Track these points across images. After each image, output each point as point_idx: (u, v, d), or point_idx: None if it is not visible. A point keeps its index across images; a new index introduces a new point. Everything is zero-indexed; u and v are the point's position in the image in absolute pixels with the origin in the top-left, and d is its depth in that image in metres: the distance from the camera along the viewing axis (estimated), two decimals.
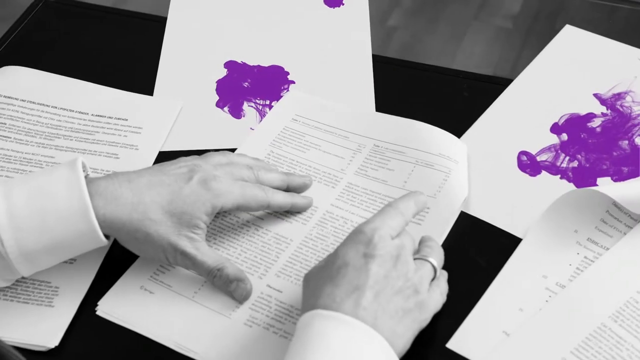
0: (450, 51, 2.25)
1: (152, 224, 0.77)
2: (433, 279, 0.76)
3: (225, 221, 0.86)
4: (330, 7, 1.08)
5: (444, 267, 0.79)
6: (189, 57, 1.03)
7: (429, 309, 0.74)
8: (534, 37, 2.27)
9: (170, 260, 0.79)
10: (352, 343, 0.68)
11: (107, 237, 0.78)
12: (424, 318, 0.74)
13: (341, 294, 0.70)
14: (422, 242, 0.79)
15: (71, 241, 0.76)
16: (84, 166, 0.79)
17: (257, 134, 0.94)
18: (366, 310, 0.69)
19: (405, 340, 0.71)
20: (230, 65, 1.02)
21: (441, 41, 2.28)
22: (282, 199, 0.85)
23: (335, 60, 1.02)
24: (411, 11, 2.36)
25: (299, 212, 0.86)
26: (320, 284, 0.72)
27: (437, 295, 0.76)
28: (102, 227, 0.76)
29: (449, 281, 0.79)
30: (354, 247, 0.73)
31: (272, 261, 0.82)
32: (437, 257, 0.77)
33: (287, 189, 0.87)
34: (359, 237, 0.73)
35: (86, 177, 0.79)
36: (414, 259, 0.75)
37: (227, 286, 0.79)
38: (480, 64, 2.20)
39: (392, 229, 0.75)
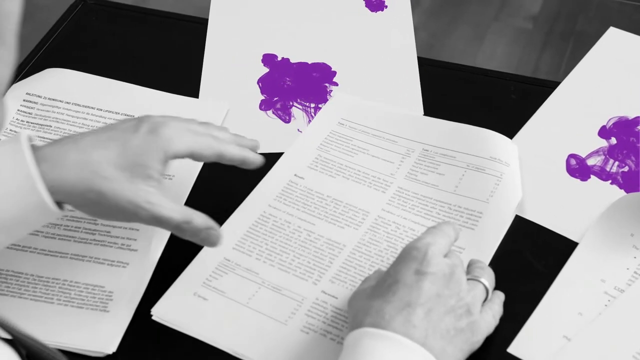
0: (471, 52, 2.24)
1: (104, 181, 0.72)
2: (485, 301, 0.75)
3: (276, 226, 0.85)
4: (372, 11, 1.07)
5: (498, 287, 0.77)
6: (233, 59, 1.03)
7: (481, 331, 0.73)
8: (554, 37, 2.26)
9: (132, 219, 0.74)
10: None
11: (60, 207, 0.73)
12: (475, 340, 0.72)
13: (391, 310, 0.68)
14: (471, 263, 0.77)
15: (23, 216, 0.71)
16: (30, 139, 0.73)
17: (304, 137, 0.94)
18: (416, 328, 0.68)
19: None
20: (269, 61, 1.02)
21: (461, 42, 2.27)
22: (236, 150, 0.80)
23: (380, 64, 1.02)
24: (430, 12, 2.36)
25: (349, 217, 0.86)
26: (369, 301, 0.70)
27: (489, 317, 0.74)
28: (52, 194, 0.71)
29: (507, 285, 0.78)
30: (405, 265, 0.71)
31: (326, 267, 0.82)
32: (488, 278, 0.76)
33: None
34: (412, 253, 0.72)
35: (33, 147, 0.73)
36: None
37: (197, 236, 0.76)
38: (501, 65, 2.19)
39: (444, 247, 0.74)
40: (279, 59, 1.03)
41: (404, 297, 0.69)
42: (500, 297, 0.77)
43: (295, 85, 1.00)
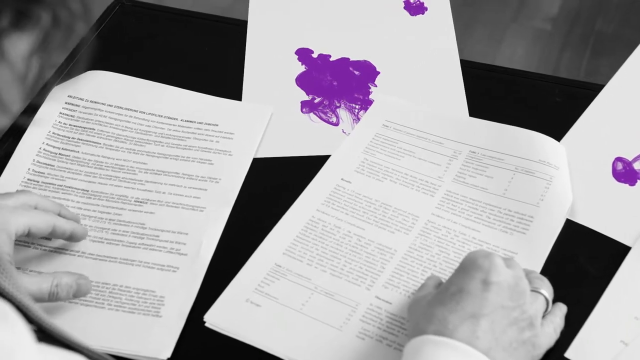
0: (490, 54, 2.23)
1: None
2: (545, 313, 0.74)
3: (326, 230, 0.84)
4: (412, 15, 1.06)
5: (557, 299, 0.77)
6: (274, 60, 1.02)
7: (542, 345, 0.72)
8: (574, 38, 2.25)
9: None
10: None
11: None
12: (537, 354, 0.71)
13: (455, 320, 0.68)
14: (527, 273, 0.76)
15: None
16: None
17: (349, 141, 0.93)
18: (480, 339, 0.67)
19: None
20: (304, 57, 1.01)
21: (480, 44, 2.26)
22: (65, 223, 0.80)
23: (423, 66, 1.01)
24: None
25: (398, 221, 0.85)
26: (431, 309, 0.70)
27: (550, 330, 0.73)
28: None
29: (561, 289, 0.77)
30: (469, 274, 0.70)
31: (378, 272, 0.81)
32: (548, 289, 0.75)
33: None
34: (477, 262, 0.71)
35: None
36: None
37: (70, 291, 0.76)
38: (520, 67, 2.18)
39: (503, 258, 0.73)
40: (315, 55, 1.02)
41: (467, 306, 0.68)
42: (562, 309, 0.76)
43: (338, 84, 0.99)
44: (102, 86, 0.97)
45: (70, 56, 1.02)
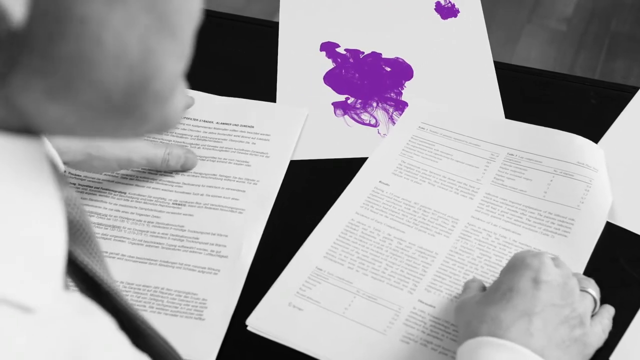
0: (506, 54, 2.23)
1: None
2: (593, 312, 0.74)
3: (366, 234, 0.84)
4: (443, 18, 1.06)
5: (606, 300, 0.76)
6: (307, 61, 1.01)
7: (592, 344, 0.72)
8: (589, 39, 2.25)
9: (124, 166, 0.86)
10: None
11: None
12: (587, 353, 0.71)
13: (507, 318, 0.67)
14: (574, 274, 0.76)
15: None
16: None
17: (385, 144, 0.92)
18: (534, 337, 0.67)
19: None
20: (330, 52, 1.01)
21: (496, 44, 2.25)
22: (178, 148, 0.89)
23: (457, 69, 1.00)
24: None
25: (438, 224, 0.84)
26: (482, 308, 0.69)
27: (599, 330, 0.73)
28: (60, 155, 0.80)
29: (604, 292, 0.76)
30: (519, 272, 0.70)
31: (420, 275, 0.81)
32: (595, 289, 0.75)
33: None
34: (526, 261, 0.71)
35: None
36: None
37: (179, 161, 0.87)
38: (537, 67, 2.18)
39: (551, 257, 0.73)
40: (342, 50, 1.01)
41: (519, 305, 0.68)
42: (610, 311, 0.76)
43: (369, 82, 0.98)
44: None
45: None
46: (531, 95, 0.98)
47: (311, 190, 0.90)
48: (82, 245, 0.50)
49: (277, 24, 1.06)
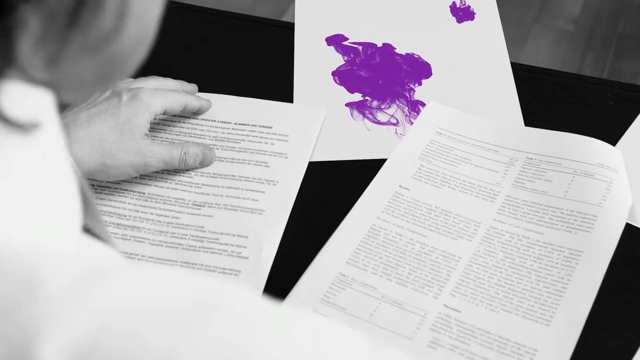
0: (513, 54, 2.21)
1: (111, 144, 0.82)
2: None
3: (388, 238, 0.83)
4: (459, 22, 1.05)
5: (616, 296, 0.76)
6: (324, 61, 1.01)
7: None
8: (596, 39, 2.24)
9: (141, 170, 0.85)
10: None
11: None
12: None
13: None
14: None
15: None
16: None
17: (402, 147, 0.92)
18: None
19: None
20: (342, 47, 1.00)
21: None
22: (195, 100, 0.91)
23: (473, 73, 1.00)
24: None
25: (460, 228, 0.84)
26: None
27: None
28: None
29: (626, 294, 0.76)
30: None
31: (444, 280, 0.80)
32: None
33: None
34: None
35: None
36: None
37: (197, 159, 0.87)
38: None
39: None
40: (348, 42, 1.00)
41: None
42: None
43: (384, 79, 0.97)
44: None
45: None
46: (548, 96, 0.98)
47: (329, 191, 0.89)
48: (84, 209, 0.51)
49: (289, 24, 1.05)
